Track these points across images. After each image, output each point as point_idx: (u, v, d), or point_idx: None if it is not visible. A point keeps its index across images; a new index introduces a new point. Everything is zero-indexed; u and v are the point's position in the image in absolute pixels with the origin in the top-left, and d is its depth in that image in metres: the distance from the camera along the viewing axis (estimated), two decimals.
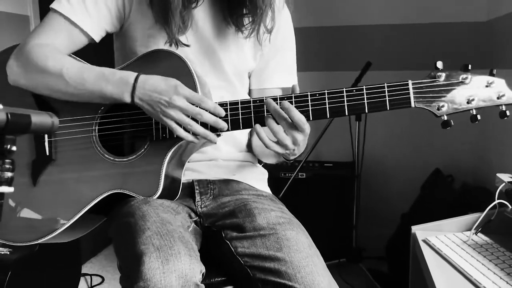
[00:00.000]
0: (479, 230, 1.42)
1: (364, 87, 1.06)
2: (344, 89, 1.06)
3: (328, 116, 1.07)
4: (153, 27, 1.19)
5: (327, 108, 1.07)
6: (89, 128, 1.18)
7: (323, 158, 2.80)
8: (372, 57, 2.52)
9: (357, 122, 2.57)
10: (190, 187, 1.25)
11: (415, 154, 2.90)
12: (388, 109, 1.05)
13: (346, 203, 2.60)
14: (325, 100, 1.07)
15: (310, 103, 1.06)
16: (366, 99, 1.05)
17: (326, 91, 1.07)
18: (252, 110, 1.09)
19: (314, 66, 2.88)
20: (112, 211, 1.19)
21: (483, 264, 1.22)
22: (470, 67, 1.04)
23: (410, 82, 1.05)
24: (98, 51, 1.37)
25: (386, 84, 1.05)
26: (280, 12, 1.27)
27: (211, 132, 1.09)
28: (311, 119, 1.07)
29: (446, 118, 1.05)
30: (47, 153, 1.18)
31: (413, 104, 1.05)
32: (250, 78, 1.33)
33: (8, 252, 1.67)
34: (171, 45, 1.17)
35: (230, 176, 1.30)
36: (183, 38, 1.19)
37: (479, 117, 1.04)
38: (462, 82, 1.04)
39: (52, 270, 1.96)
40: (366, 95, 1.05)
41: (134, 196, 1.13)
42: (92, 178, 1.15)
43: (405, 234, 1.61)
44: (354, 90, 1.06)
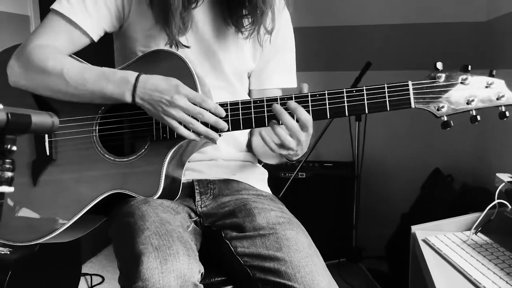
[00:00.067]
0: (479, 230, 1.42)
1: (364, 87, 1.06)
2: (344, 89, 1.06)
3: (328, 117, 1.07)
4: (153, 28, 1.19)
5: (327, 108, 1.07)
6: (89, 128, 1.18)
7: (323, 158, 2.80)
8: (372, 57, 2.52)
9: (357, 122, 2.57)
10: (190, 187, 1.25)
11: (415, 154, 2.90)
12: (388, 109, 1.05)
13: (346, 203, 2.60)
14: (325, 101, 1.07)
15: (310, 103, 1.06)
16: (366, 99, 1.05)
17: (326, 92, 1.07)
18: (253, 110, 1.10)
19: (314, 66, 2.88)
20: (112, 211, 1.19)
21: (483, 264, 1.22)
22: (470, 68, 1.04)
23: (410, 82, 1.05)
24: (98, 51, 1.37)
25: (386, 85, 1.05)
26: (281, 13, 1.27)
27: (212, 131, 1.09)
28: (312, 119, 1.07)
29: (446, 119, 1.05)
30: (48, 153, 1.18)
31: (413, 105, 1.05)
32: (249, 78, 1.34)
33: (8, 252, 1.67)
34: (171, 46, 1.17)
35: (230, 176, 1.30)
36: (183, 39, 1.19)
37: (478, 117, 1.04)
38: (461, 83, 1.04)
39: (52, 270, 1.96)
40: (366, 96, 1.05)
41: (134, 196, 1.13)
42: (92, 178, 1.15)
43: (405, 234, 1.61)
44: (354, 91, 1.06)
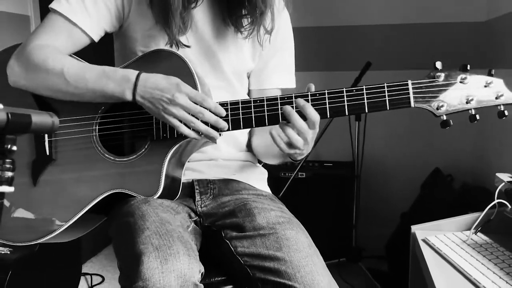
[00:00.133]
0: (479, 229, 1.42)
1: (364, 87, 1.06)
2: (344, 89, 1.07)
3: (328, 116, 1.07)
4: (153, 28, 1.19)
5: (327, 108, 1.07)
6: (89, 128, 1.18)
7: (323, 157, 2.80)
8: (372, 57, 2.52)
9: (356, 122, 2.58)
10: (190, 186, 1.26)
11: (414, 154, 2.90)
12: (388, 109, 1.06)
13: (346, 202, 2.60)
14: (325, 100, 1.07)
15: (310, 103, 1.06)
16: (366, 99, 1.06)
17: (326, 91, 1.07)
18: (253, 110, 1.10)
19: (314, 66, 2.88)
20: (112, 211, 1.19)
21: (483, 264, 1.22)
22: (469, 67, 1.04)
23: (409, 82, 1.05)
24: (98, 51, 1.37)
25: (386, 84, 1.05)
26: (280, 13, 1.27)
27: (213, 130, 1.09)
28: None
29: (445, 118, 1.05)
30: (47, 153, 1.18)
31: (412, 104, 1.05)
32: (249, 78, 1.34)
33: (8, 252, 1.67)
34: (171, 46, 1.17)
35: (230, 175, 1.30)
36: (184, 39, 1.19)
37: (478, 116, 1.04)
38: (461, 82, 1.04)
39: (52, 270, 1.96)
40: (366, 95, 1.06)
41: (134, 196, 1.13)
42: (92, 178, 1.15)
43: (404, 234, 1.61)
44: (354, 90, 1.06)
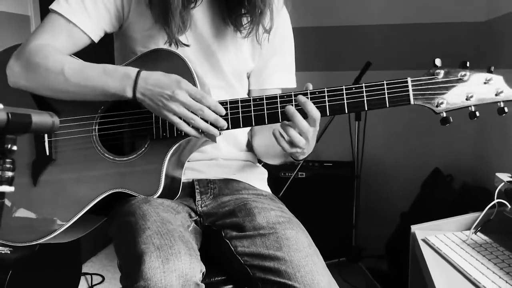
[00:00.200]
0: (478, 229, 1.42)
1: (363, 84, 1.06)
2: (343, 86, 1.06)
3: (328, 114, 1.07)
4: (152, 27, 1.19)
5: (327, 106, 1.07)
6: (89, 128, 1.18)
7: (323, 157, 2.80)
8: (372, 57, 2.52)
9: (356, 122, 2.58)
10: (191, 186, 1.26)
11: (414, 153, 2.90)
12: (387, 106, 1.05)
13: (346, 202, 2.60)
14: (324, 98, 1.07)
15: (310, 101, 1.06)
16: (365, 96, 1.05)
17: (325, 89, 1.07)
18: (252, 108, 1.10)
19: (314, 66, 2.88)
20: (113, 210, 1.19)
21: (482, 263, 1.22)
22: (468, 64, 1.04)
23: (409, 79, 1.05)
24: (98, 51, 1.37)
25: (385, 82, 1.05)
26: (279, 12, 1.27)
27: (213, 128, 1.08)
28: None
29: (445, 115, 1.05)
30: (47, 153, 1.18)
31: (412, 101, 1.05)
32: (249, 78, 1.34)
33: (8, 252, 1.67)
34: (170, 45, 1.17)
35: (230, 175, 1.30)
36: (183, 38, 1.19)
37: (477, 113, 1.04)
38: (460, 79, 1.04)
39: (52, 270, 1.96)
40: (366, 93, 1.05)
41: (134, 196, 1.13)
42: (92, 178, 1.15)
43: (404, 234, 1.61)
44: (354, 88, 1.06)
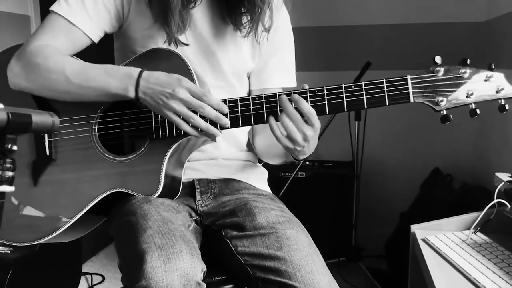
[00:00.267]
0: (478, 229, 1.42)
1: (363, 82, 1.05)
2: (343, 85, 1.06)
3: (327, 112, 1.07)
4: (152, 27, 1.19)
5: (326, 104, 1.07)
6: (89, 128, 1.18)
7: (323, 157, 2.80)
8: (371, 57, 2.53)
9: (356, 122, 2.58)
10: (191, 186, 1.26)
11: (414, 153, 2.90)
12: (387, 104, 1.05)
13: (346, 202, 2.60)
14: (324, 97, 1.07)
15: (309, 99, 1.06)
16: (365, 94, 1.05)
17: (325, 87, 1.06)
18: (251, 107, 1.09)
19: (313, 66, 2.88)
20: (113, 210, 1.19)
21: (482, 263, 1.22)
22: (469, 62, 1.03)
23: (408, 77, 1.04)
24: (98, 51, 1.37)
25: (384, 80, 1.05)
26: (278, 11, 1.27)
27: (213, 127, 1.08)
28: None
29: (445, 113, 1.04)
30: (47, 153, 1.18)
31: (412, 99, 1.04)
32: (249, 78, 1.34)
33: (8, 251, 1.67)
34: (170, 44, 1.17)
35: (230, 175, 1.30)
36: (182, 37, 1.19)
37: (478, 111, 1.03)
38: (460, 76, 1.03)
39: (52, 269, 1.96)
40: (365, 91, 1.05)
41: (134, 195, 1.13)
42: (92, 178, 1.15)
43: (404, 233, 1.61)
44: (353, 86, 1.06)
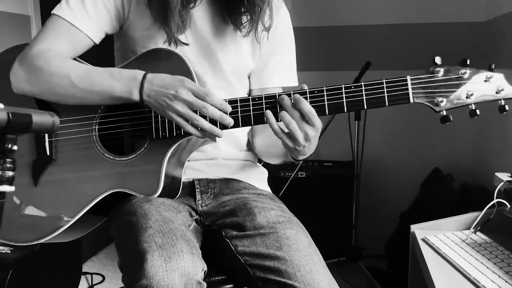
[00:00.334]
0: (478, 229, 1.42)
1: (362, 83, 1.05)
2: (342, 85, 1.06)
3: (327, 113, 1.07)
4: (151, 27, 1.19)
5: (326, 104, 1.07)
6: (89, 128, 1.18)
7: (323, 157, 2.80)
8: (371, 57, 2.53)
9: (356, 122, 2.58)
10: (191, 186, 1.26)
11: (414, 153, 2.90)
12: (387, 105, 1.05)
13: (346, 202, 2.60)
14: (324, 97, 1.07)
15: (309, 100, 1.06)
16: (365, 95, 1.05)
17: (324, 88, 1.07)
18: (251, 108, 1.10)
19: (313, 66, 2.88)
20: (114, 210, 1.19)
21: (482, 263, 1.22)
22: (469, 62, 1.03)
23: (408, 77, 1.05)
24: (98, 51, 1.37)
25: (384, 80, 1.05)
26: (278, 10, 1.27)
27: (217, 128, 1.08)
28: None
29: (445, 113, 1.05)
30: (48, 153, 1.19)
31: (411, 100, 1.04)
32: (250, 78, 1.34)
33: (9, 251, 1.68)
34: (170, 44, 1.17)
35: (230, 175, 1.30)
36: (182, 37, 1.19)
37: (478, 112, 1.03)
38: (460, 77, 1.03)
39: (53, 269, 1.97)
40: (365, 91, 1.05)
41: (134, 195, 1.13)
42: (92, 178, 1.15)
43: (404, 233, 1.61)
44: (353, 87, 1.06)
